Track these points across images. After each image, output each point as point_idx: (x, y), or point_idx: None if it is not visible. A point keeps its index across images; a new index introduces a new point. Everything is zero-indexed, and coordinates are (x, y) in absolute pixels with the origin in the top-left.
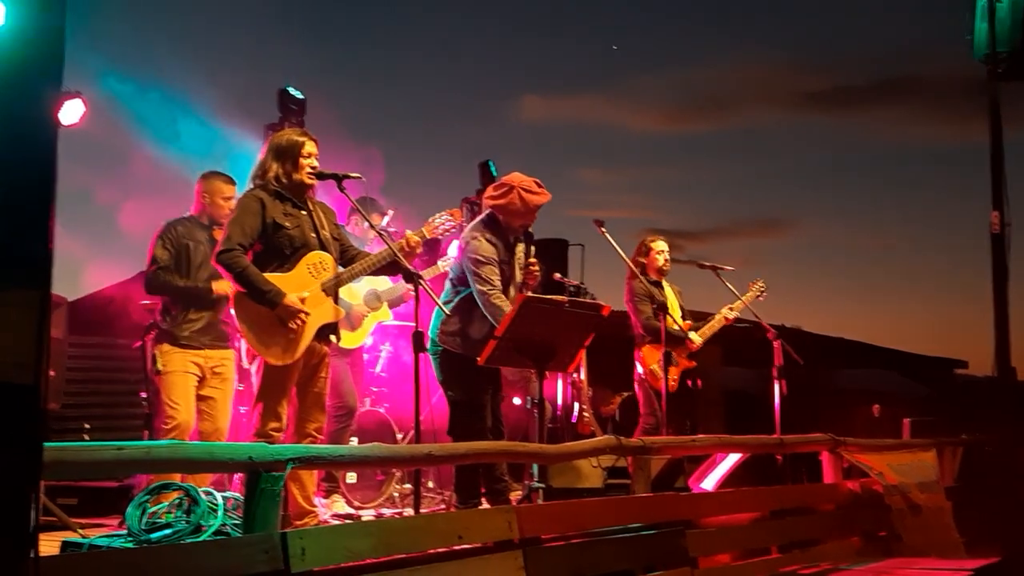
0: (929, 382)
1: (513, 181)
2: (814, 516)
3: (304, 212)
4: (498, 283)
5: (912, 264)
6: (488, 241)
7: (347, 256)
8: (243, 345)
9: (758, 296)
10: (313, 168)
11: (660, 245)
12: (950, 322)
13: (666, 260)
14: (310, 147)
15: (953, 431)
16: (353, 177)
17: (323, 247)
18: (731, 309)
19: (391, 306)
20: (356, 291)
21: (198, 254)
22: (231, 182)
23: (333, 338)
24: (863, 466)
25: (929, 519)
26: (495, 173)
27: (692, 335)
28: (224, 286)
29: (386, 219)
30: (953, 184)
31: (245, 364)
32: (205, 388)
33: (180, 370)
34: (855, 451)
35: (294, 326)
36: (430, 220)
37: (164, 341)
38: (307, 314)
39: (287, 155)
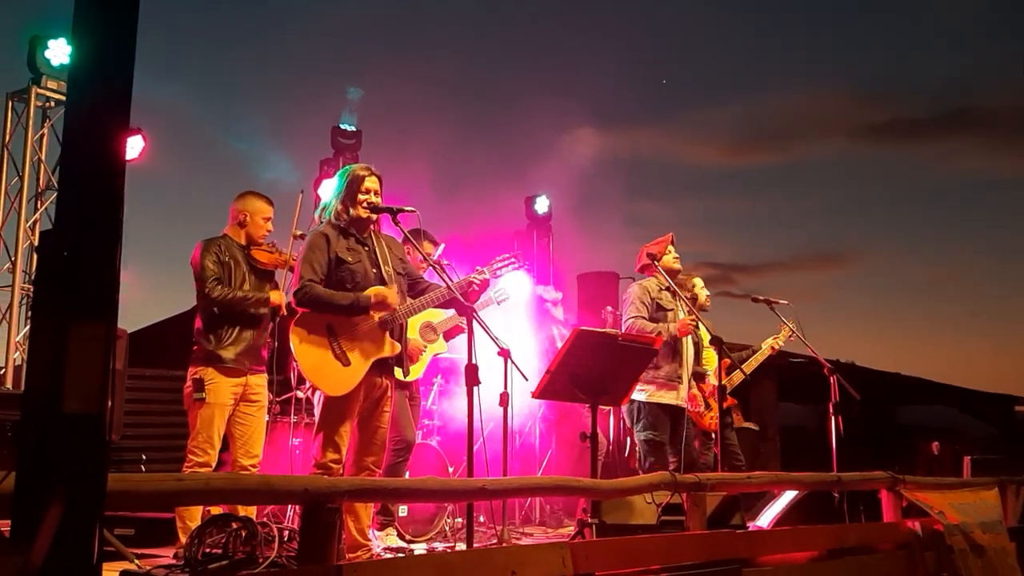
0: (990, 419)
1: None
2: (874, 556)
3: (366, 248)
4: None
5: (973, 299)
6: None
7: (417, 289)
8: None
9: (789, 336)
10: (371, 203)
11: (695, 282)
12: (1012, 358)
13: (707, 296)
14: (370, 183)
15: (1016, 469)
16: (407, 211)
17: (383, 282)
18: (776, 339)
19: (447, 337)
20: (412, 324)
21: (238, 274)
22: (270, 203)
23: (399, 371)
24: (923, 505)
25: (992, 560)
26: (536, 209)
27: (710, 376)
28: (278, 296)
29: (439, 250)
30: (1016, 217)
31: (300, 394)
32: (239, 414)
33: (222, 402)
34: (915, 489)
35: (392, 305)
36: (491, 261)
37: (210, 365)
38: (392, 299)
39: (346, 191)
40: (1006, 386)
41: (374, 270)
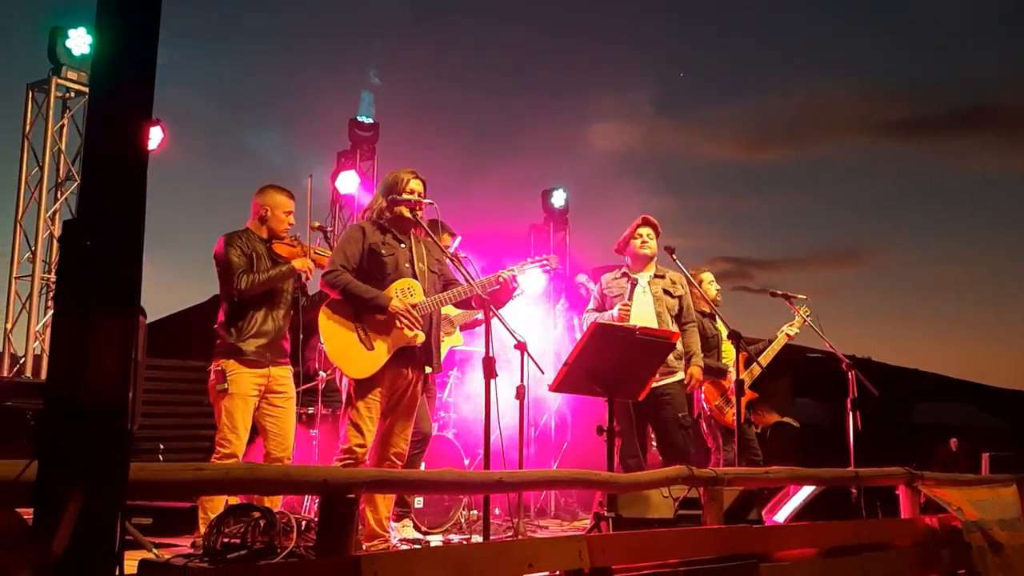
0: (1007, 416)
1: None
2: (891, 552)
3: (403, 245)
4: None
5: (989, 296)
6: None
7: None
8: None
9: (804, 321)
10: (394, 199)
11: (706, 276)
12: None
13: (717, 291)
14: (413, 185)
15: None
16: (425, 203)
17: (415, 276)
18: (791, 326)
19: (463, 329)
20: None
21: (260, 268)
22: (291, 197)
23: (429, 369)
24: (941, 501)
25: (1011, 558)
26: (553, 202)
27: (731, 372)
28: (303, 263)
29: (456, 242)
30: None
31: (323, 373)
32: (267, 407)
33: (245, 393)
34: (933, 485)
35: (407, 322)
36: (523, 261)
37: (231, 357)
38: (414, 308)
39: (390, 191)
40: (1020, 383)
41: (407, 264)
